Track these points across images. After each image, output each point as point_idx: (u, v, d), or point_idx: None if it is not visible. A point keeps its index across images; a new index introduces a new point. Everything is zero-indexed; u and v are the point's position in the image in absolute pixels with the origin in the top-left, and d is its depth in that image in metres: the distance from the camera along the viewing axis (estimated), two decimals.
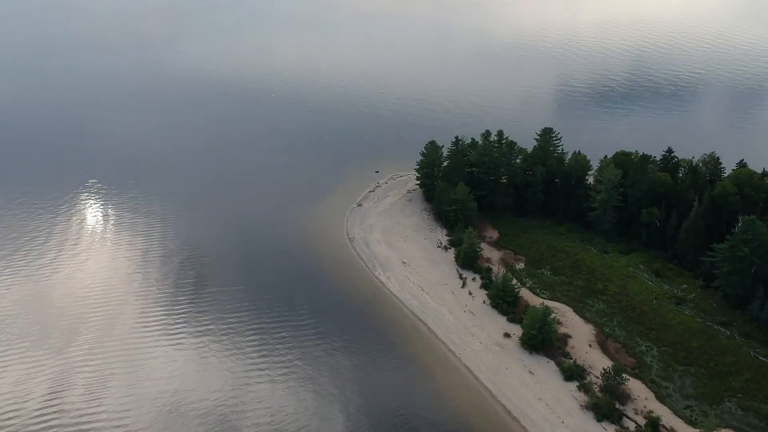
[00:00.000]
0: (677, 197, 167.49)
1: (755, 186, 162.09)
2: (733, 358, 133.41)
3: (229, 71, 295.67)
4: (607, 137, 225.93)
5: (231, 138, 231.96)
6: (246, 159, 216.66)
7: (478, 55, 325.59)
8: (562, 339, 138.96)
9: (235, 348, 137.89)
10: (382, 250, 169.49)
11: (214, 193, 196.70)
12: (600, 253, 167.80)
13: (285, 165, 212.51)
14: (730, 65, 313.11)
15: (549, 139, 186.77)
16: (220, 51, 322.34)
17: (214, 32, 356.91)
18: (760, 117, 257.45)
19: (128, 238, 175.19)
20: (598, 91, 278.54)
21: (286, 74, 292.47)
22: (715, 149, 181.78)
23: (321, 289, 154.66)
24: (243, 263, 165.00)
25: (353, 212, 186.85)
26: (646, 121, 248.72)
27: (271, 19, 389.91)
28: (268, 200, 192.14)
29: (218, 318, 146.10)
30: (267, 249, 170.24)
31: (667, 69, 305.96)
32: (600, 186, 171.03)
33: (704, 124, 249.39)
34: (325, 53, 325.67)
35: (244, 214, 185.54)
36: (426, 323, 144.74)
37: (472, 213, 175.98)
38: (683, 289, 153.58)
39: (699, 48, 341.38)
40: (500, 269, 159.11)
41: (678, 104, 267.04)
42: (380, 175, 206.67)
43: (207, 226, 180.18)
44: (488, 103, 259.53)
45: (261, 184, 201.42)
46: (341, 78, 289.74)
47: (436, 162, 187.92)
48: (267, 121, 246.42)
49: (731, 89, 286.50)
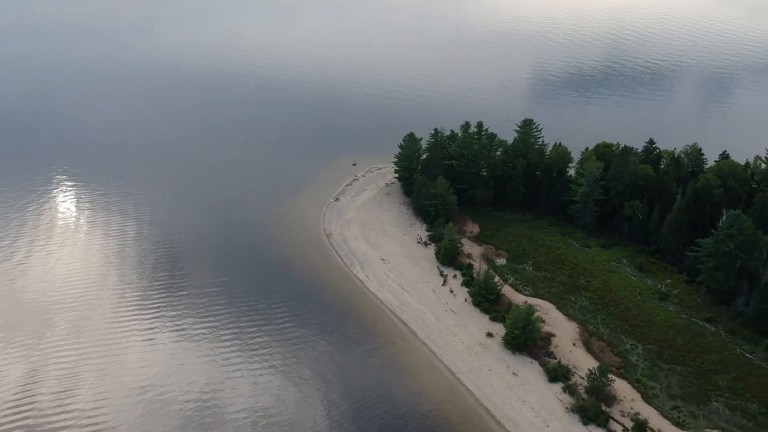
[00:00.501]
0: (660, 190, 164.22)
1: (738, 178, 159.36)
2: (719, 356, 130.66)
3: (204, 59, 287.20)
4: (587, 127, 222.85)
5: (204, 128, 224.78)
6: (220, 150, 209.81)
7: (456, 43, 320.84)
8: (545, 338, 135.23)
9: (212, 343, 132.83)
10: (361, 247, 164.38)
11: (188, 186, 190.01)
12: (582, 248, 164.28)
13: (260, 156, 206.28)
14: (708, 52, 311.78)
15: (529, 130, 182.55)
16: (193, 38, 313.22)
17: (187, 19, 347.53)
18: (739, 105, 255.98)
19: (101, 232, 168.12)
20: (576, 79, 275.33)
21: (263, 62, 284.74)
22: (696, 139, 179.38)
23: (298, 289, 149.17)
24: (218, 260, 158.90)
25: (330, 207, 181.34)
26: (625, 110, 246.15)
27: (246, 5, 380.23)
28: (243, 194, 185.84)
29: (194, 314, 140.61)
30: (242, 246, 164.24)
31: (645, 56, 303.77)
32: (581, 179, 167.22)
33: (684, 113, 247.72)
34: (301, 41, 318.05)
35: (219, 207, 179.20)
36: (407, 323, 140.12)
37: (453, 207, 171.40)
38: (667, 285, 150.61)
39: (676, 34, 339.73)
40: (482, 265, 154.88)
41: (657, 92, 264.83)
42: (357, 167, 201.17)
43: (181, 220, 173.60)
44: (467, 93, 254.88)
45: (235, 176, 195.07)
46: (317, 67, 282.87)
47: (415, 155, 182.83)
48: (241, 110, 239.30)
49: (710, 76, 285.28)
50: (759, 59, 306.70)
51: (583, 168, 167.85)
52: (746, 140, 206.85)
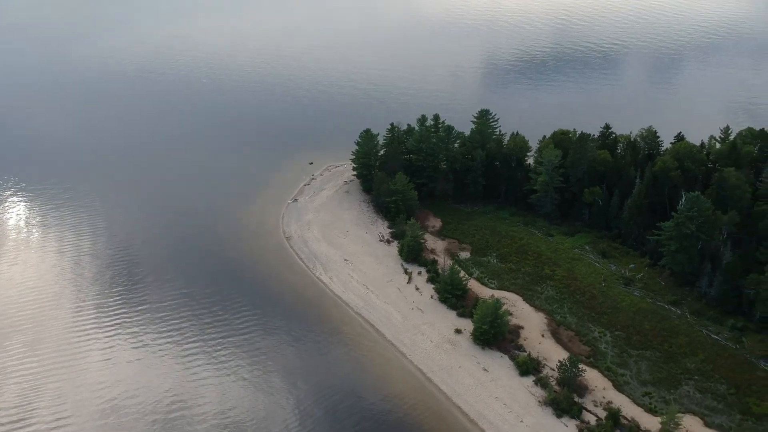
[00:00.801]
0: (618, 175, 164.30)
1: (695, 159, 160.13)
2: (686, 339, 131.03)
3: (149, 62, 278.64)
4: (542, 115, 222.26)
5: (154, 133, 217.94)
6: (171, 155, 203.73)
7: (405, 34, 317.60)
8: (514, 331, 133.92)
9: (176, 357, 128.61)
10: (322, 248, 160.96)
11: (140, 194, 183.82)
12: (545, 237, 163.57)
13: (213, 159, 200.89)
14: (655, 33, 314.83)
15: (486, 121, 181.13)
16: (135, 41, 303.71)
17: (127, 22, 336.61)
18: (689, 85, 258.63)
19: (54, 248, 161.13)
20: (528, 66, 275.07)
21: (212, 63, 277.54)
22: (651, 121, 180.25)
23: (261, 296, 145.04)
24: (176, 270, 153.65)
25: (289, 208, 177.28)
26: (579, 95, 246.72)
27: (187, 5, 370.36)
28: (198, 200, 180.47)
29: (155, 327, 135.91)
30: (199, 254, 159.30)
31: (595, 40, 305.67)
32: (540, 168, 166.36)
33: (637, 95, 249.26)
34: (247, 37, 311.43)
35: (173, 215, 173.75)
36: (373, 325, 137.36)
37: (413, 203, 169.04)
38: (631, 269, 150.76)
39: (624, 17, 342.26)
40: (446, 261, 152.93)
41: (609, 76, 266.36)
42: (315, 166, 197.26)
43: (136, 230, 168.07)
44: (420, 85, 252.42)
45: (189, 181, 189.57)
46: (267, 65, 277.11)
47: (373, 151, 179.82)
48: (192, 113, 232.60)
49: (659, 58, 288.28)
50: (706, 38, 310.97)
51: (541, 157, 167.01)
52: (699, 120, 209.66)
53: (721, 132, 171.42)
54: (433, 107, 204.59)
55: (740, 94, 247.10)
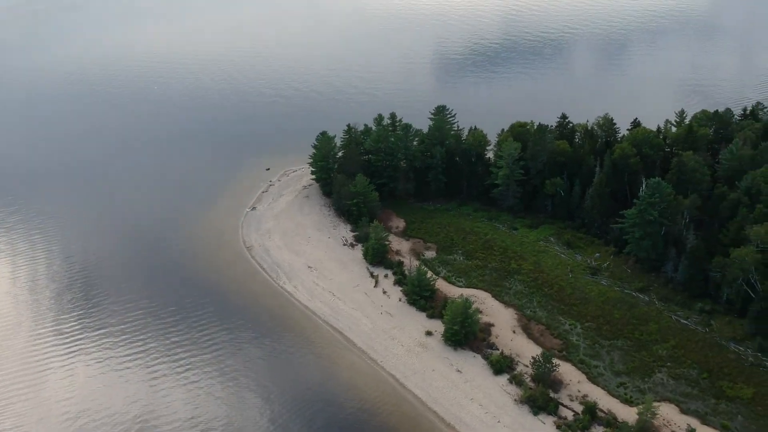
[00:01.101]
0: (578, 164, 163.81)
1: (652, 145, 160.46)
2: (656, 326, 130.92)
3: (97, 72, 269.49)
4: (498, 107, 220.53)
5: (103, 144, 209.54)
6: (121, 166, 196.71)
7: (353, 30, 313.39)
8: (485, 329, 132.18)
9: (142, 377, 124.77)
10: (285, 256, 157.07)
11: (94, 207, 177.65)
12: (509, 230, 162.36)
13: (166, 169, 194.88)
14: (601, 19, 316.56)
15: (443, 117, 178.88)
16: (80, 51, 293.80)
17: (69, 32, 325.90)
18: (640, 70, 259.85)
19: (7, 268, 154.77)
20: (481, 58, 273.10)
21: (161, 70, 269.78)
22: (605, 108, 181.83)
23: (225, 310, 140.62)
24: (135, 285, 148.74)
25: (248, 217, 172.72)
26: (532, 86, 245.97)
27: (129, 12, 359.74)
28: (153, 211, 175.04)
29: (118, 342, 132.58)
30: (159, 268, 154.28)
31: (543, 28, 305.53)
32: (501, 161, 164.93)
33: (589, 82, 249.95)
34: (189, 40, 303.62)
35: (129, 229, 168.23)
36: (342, 332, 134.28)
37: (375, 204, 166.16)
38: (596, 258, 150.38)
39: (570, 3, 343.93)
40: (412, 261, 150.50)
41: (560, 65, 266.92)
42: (272, 172, 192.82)
43: (91, 245, 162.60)
44: (375, 84, 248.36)
45: (143, 192, 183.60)
46: (209, 67, 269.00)
47: (330, 153, 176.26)
48: (143, 122, 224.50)
49: (608, 43, 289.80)
50: (653, 22, 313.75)
51: (501, 150, 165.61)
52: (653, 104, 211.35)
53: (677, 115, 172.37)
54: (389, 105, 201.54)
55: (691, 76, 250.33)
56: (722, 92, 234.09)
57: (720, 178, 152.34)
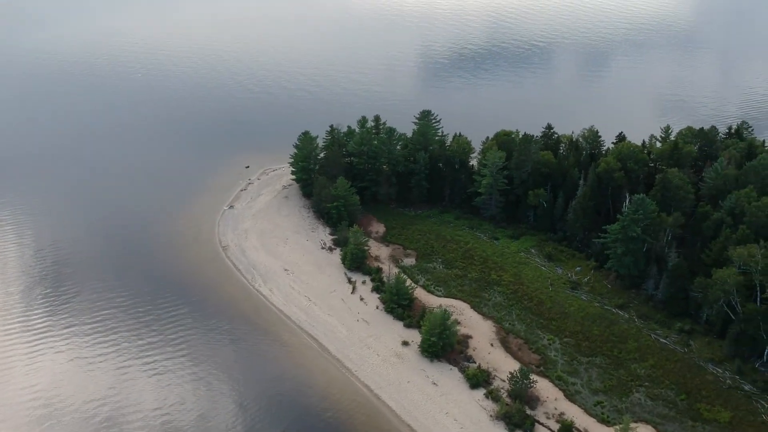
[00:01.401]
0: (562, 176, 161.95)
1: (637, 160, 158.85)
2: (635, 344, 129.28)
3: (78, 61, 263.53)
4: (483, 113, 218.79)
5: (77, 134, 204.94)
6: (98, 157, 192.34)
7: (340, 29, 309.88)
8: (462, 341, 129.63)
9: (113, 373, 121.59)
10: (261, 258, 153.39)
11: (67, 200, 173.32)
12: (490, 240, 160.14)
13: (144, 163, 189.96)
14: (588, 30, 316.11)
15: (428, 122, 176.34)
16: (61, 37, 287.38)
17: (51, 17, 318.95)
18: (623, 80, 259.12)
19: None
20: (467, 63, 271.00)
21: (143, 60, 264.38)
22: (590, 118, 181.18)
23: (197, 312, 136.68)
24: (107, 283, 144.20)
25: (224, 216, 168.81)
26: (518, 94, 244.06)
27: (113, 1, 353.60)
28: (128, 207, 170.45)
29: (87, 342, 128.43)
30: (131, 266, 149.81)
31: (531, 36, 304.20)
32: (485, 170, 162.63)
33: (575, 91, 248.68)
34: (175, 31, 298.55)
35: (103, 224, 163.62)
36: (317, 339, 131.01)
37: (356, 208, 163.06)
38: (577, 272, 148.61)
39: (558, 12, 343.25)
40: (391, 268, 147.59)
41: (546, 73, 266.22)
42: (251, 170, 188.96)
43: (63, 240, 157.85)
44: (359, 85, 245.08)
45: (118, 187, 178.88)
46: (193, 61, 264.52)
47: (312, 154, 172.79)
48: (122, 113, 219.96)
49: (595, 54, 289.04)
50: (638, 35, 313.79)
51: (485, 158, 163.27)
52: (637, 117, 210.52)
53: (662, 131, 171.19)
54: (374, 107, 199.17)
55: (675, 90, 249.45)
56: (706, 107, 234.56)
57: (703, 196, 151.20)
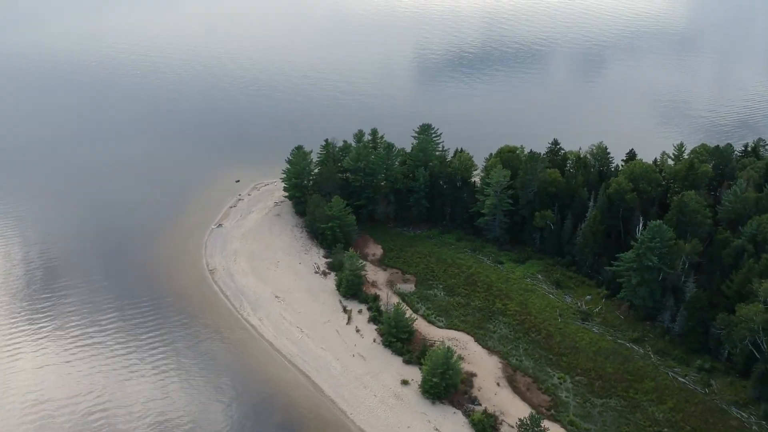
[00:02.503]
0: (570, 196, 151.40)
1: (650, 180, 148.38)
2: (652, 383, 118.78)
3: (66, 61, 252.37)
4: (486, 125, 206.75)
5: (59, 144, 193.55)
6: (81, 167, 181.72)
7: (333, 33, 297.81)
8: (467, 380, 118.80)
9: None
10: (250, 283, 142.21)
11: (46, 214, 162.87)
12: (494, 264, 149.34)
13: (127, 177, 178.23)
14: (592, 36, 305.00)
15: (428, 136, 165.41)
16: (48, 38, 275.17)
17: (41, 17, 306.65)
18: (632, 91, 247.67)
19: None
20: (468, 71, 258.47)
21: (129, 63, 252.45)
22: (596, 130, 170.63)
23: (180, 343, 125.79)
24: (85, 309, 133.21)
25: (212, 235, 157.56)
26: (521, 102, 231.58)
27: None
28: (110, 224, 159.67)
29: (60, 374, 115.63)
30: (111, 289, 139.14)
31: (530, 40, 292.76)
32: (488, 189, 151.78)
33: (581, 102, 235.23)
34: (165, 36, 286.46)
35: (82, 242, 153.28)
36: (310, 376, 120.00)
37: (352, 229, 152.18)
38: (587, 301, 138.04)
39: (551, 13, 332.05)
40: (389, 296, 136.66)
41: (550, 81, 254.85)
42: (241, 185, 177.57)
43: (39, 259, 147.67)
44: (354, 95, 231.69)
45: (101, 202, 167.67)
46: (186, 66, 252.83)
47: (306, 170, 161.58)
48: (105, 120, 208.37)
49: (598, 63, 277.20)
50: (641, 40, 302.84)
51: (489, 177, 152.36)
52: (645, 127, 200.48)
53: (675, 149, 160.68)
54: (370, 118, 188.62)
55: (681, 98, 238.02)
56: (717, 118, 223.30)
57: (721, 220, 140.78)
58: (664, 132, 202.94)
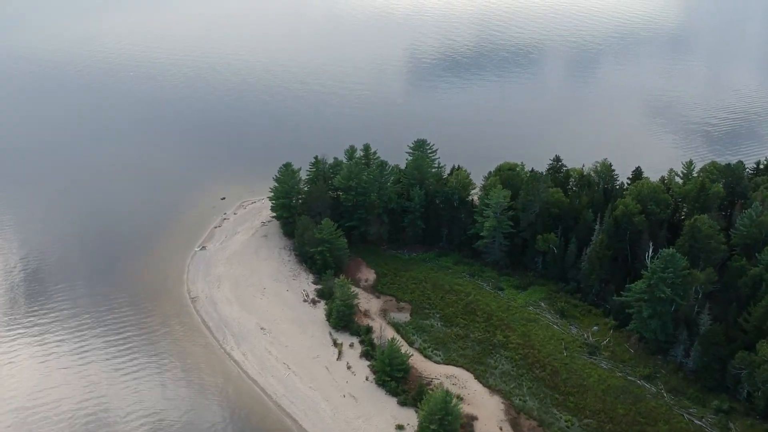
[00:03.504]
0: (574, 218, 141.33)
1: (659, 201, 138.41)
2: (666, 426, 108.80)
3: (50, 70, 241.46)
4: (484, 137, 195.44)
5: (34, 161, 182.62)
6: (59, 181, 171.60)
7: (328, 37, 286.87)
8: (467, 424, 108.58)
9: None
10: (234, 313, 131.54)
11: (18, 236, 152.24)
12: (494, 291, 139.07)
13: (105, 191, 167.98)
14: (591, 44, 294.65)
15: (423, 153, 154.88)
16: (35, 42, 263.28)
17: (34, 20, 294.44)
18: (634, 102, 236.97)
19: None
20: (464, 83, 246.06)
21: (106, 72, 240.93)
22: (597, 143, 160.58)
23: (155, 380, 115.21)
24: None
25: (195, 258, 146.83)
26: (520, 115, 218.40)
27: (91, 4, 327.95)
28: (87, 244, 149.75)
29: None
30: (86, 311, 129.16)
31: (535, 52, 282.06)
32: (488, 211, 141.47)
33: (582, 115, 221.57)
34: (161, 34, 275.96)
35: (56, 264, 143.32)
36: (297, 420, 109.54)
37: (343, 253, 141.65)
38: (594, 333, 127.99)
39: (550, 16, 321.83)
40: (383, 328, 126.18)
41: (550, 93, 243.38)
42: (227, 202, 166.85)
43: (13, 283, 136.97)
44: (346, 106, 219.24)
45: (80, 220, 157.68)
46: (171, 72, 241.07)
47: (294, 189, 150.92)
48: (82, 133, 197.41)
49: (599, 72, 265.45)
50: (644, 46, 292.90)
51: (488, 198, 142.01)
52: (651, 141, 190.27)
53: (683, 166, 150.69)
54: (363, 131, 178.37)
55: (689, 109, 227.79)
56: (723, 128, 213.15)
57: (736, 246, 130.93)
58: (668, 141, 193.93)
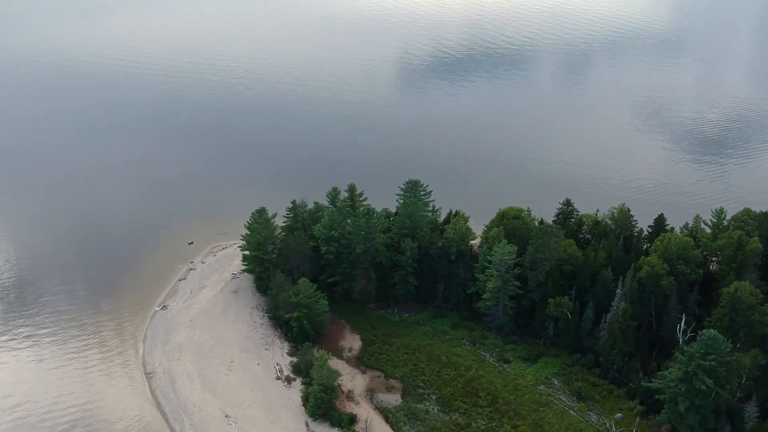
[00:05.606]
0: (591, 277, 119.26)
1: (688, 259, 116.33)
2: None
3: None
4: (480, 177, 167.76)
5: None
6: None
7: (318, 47, 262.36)
8: None
9: None
10: (196, 395, 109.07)
11: None
12: (498, 363, 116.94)
13: (56, 240, 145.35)
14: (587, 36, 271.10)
15: (416, 195, 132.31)
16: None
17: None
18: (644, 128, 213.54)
19: None
20: (450, 73, 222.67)
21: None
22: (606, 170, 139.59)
23: None
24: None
25: (154, 321, 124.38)
26: (522, 148, 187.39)
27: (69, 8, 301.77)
28: (29, 288, 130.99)
29: None
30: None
31: (525, 45, 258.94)
32: (490, 269, 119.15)
33: (590, 145, 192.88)
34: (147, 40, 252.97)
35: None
36: None
37: (324, 317, 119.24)
38: (618, 420, 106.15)
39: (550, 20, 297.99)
40: (369, 418, 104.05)
41: (548, 106, 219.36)
42: (195, 247, 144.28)
43: None
44: (329, 132, 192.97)
45: (27, 252, 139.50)
46: (140, 98, 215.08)
47: (269, 239, 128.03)
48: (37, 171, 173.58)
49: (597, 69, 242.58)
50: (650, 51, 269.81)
51: (491, 254, 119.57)
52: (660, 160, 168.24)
53: (713, 214, 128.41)
54: (349, 166, 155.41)
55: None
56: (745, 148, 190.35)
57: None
58: (681, 160, 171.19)
